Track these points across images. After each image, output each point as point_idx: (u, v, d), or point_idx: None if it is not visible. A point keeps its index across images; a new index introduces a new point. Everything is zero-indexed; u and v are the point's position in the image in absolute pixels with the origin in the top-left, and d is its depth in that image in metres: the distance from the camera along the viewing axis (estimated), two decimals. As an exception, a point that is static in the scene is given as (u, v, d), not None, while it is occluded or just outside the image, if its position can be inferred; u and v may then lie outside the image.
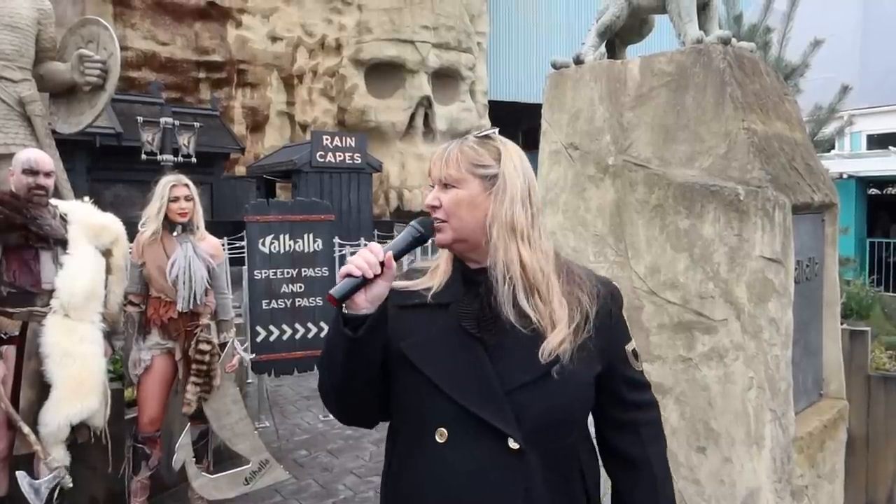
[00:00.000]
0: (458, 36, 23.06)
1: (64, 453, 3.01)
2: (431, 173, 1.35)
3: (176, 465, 3.43)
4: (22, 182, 3.06)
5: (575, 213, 3.10)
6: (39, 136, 4.53)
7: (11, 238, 2.94)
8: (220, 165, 18.38)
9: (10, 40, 4.46)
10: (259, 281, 4.86)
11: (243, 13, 23.41)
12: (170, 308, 3.37)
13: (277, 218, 4.87)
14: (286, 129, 23.76)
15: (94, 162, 14.73)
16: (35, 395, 2.98)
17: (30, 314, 3.00)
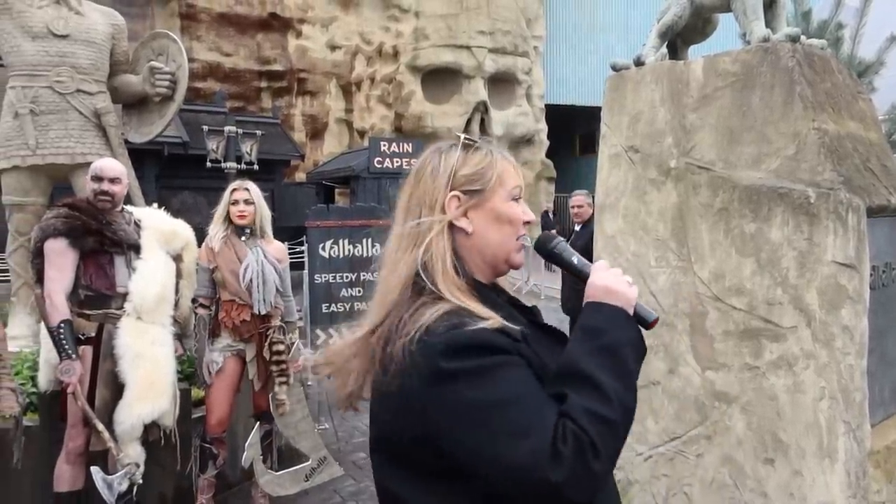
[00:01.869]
0: (515, 40, 23.01)
1: (139, 450, 3.13)
2: (517, 184, 1.22)
3: (245, 462, 3.52)
4: (89, 188, 3.22)
5: (636, 218, 3.05)
6: (113, 145, 4.73)
7: (88, 243, 3.09)
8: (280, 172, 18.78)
9: (87, 55, 4.67)
10: (319, 285, 4.95)
11: (303, 23, 23.93)
12: (242, 311, 3.47)
13: (337, 223, 4.95)
14: (344, 136, 24.14)
15: (162, 170, 15.26)
16: (110, 394, 3.11)
17: (105, 316, 3.15)
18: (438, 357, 0.99)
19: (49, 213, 3.11)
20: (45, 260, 3.03)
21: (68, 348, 2.96)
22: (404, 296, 1.10)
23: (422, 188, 1.18)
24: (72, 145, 4.55)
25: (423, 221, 1.15)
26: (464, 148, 1.20)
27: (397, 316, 1.07)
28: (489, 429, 0.97)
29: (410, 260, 1.13)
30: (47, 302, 2.99)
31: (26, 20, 4.50)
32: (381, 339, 1.07)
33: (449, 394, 0.99)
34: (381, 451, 1.11)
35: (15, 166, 4.48)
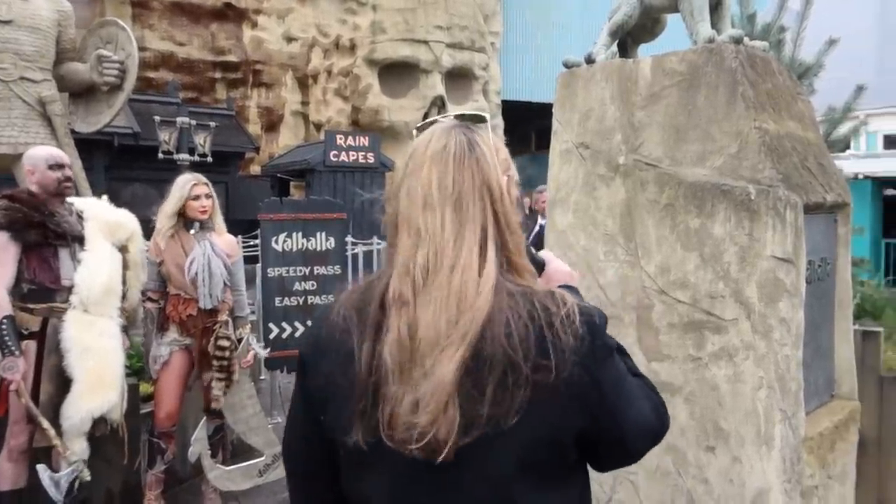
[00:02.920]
0: (472, 36, 23.08)
1: (84, 446, 3.07)
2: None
3: (192, 458, 3.49)
4: (50, 177, 3.14)
5: (585, 213, 3.11)
6: (59, 135, 4.62)
7: (31, 236, 3.01)
8: (235, 165, 18.50)
9: (32, 42, 4.54)
10: (272, 279, 4.90)
11: (259, 14, 23.55)
12: (188, 305, 3.43)
13: (290, 216, 4.91)
14: (300, 129, 23.87)
15: (112, 161, 14.88)
16: (55, 389, 3.04)
17: (50, 310, 3.07)
18: (600, 335, 1.03)
19: None
20: None
21: (11, 344, 2.87)
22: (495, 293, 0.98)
23: (472, 173, 1.02)
24: (15, 134, 4.43)
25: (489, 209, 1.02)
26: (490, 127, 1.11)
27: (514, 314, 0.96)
28: (634, 395, 1.08)
29: (488, 254, 1.00)
30: None
31: (-34, 4, 4.35)
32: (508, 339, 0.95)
33: (613, 367, 1.05)
34: (530, 469, 0.98)
35: (-46, 155, 4.34)
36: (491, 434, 0.94)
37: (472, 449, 0.95)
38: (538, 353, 0.94)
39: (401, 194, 1.05)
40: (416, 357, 0.95)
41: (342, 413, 1.00)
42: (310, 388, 1.09)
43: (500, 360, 0.94)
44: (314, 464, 1.11)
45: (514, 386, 0.94)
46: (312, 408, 1.08)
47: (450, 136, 1.05)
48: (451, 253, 0.98)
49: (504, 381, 0.94)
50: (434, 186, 1.01)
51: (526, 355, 0.94)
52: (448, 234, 0.99)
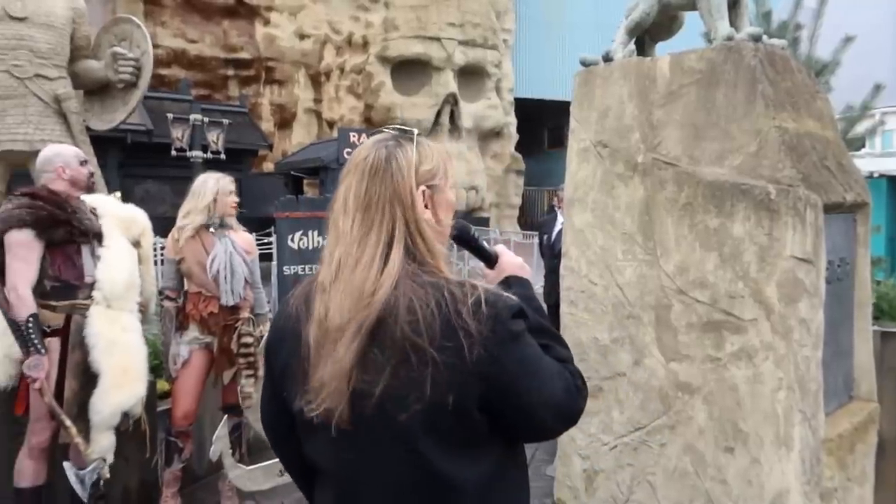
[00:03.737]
0: (485, 33, 23.04)
1: (112, 440, 3.09)
2: (454, 172, 1.33)
3: (213, 456, 3.49)
4: (82, 173, 3.18)
5: (603, 212, 3.10)
6: (74, 132, 4.63)
7: (57, 234, 3.02)
8: (248, 162, 18.56)
9: (47, 39, 4.55)
10: (288, 276, 4.92)
11: (271, 11, 23.61)
12: (210, 303, 3.43)
13: (306, 214, 4.92)
14: (313, 126, 23.93)
15: (125, 158, 14.96)
16: (79, 385, 3.06)
17: (73, 307, 3.08)
18: (507, 321, 1.14)
19: (8, 203, 3.02)
20: (8, 252, 2.92)
21: (37, 343, 2.89)
22: (397, 286, 1.14)
23: (385, 185, 1.19)
24: (30, 132, 4.45)
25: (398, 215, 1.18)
26: (416, 143, 1.25)
27: (420, 302, 1.12)
28: (543, 377, 1.19)
29: (393, 252, 1.17)
30: (12, 295, 2.90)
31: (-19, 2, 4.37)
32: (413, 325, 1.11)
33: (518, 351, 1.16)
34: (429, 427, 1.13)
35: (-29, 153, 4.36)
36: (396, 404, 1.11)
37: (380, 417, 1.13)
38: (444, 336, 1.10)
39: (334, 198, 1.25)
40: (328, 336, 1.15)
41: (294, 389, 1.21)
42: (273, 370, 1.30)
43: (401, 343, 1.11)
44: (283, 432, 1.34)
45: (420, 364, 1.10)
46: (276, 386, 1.28)
47: (372, 150, 1.23)
48: (356, 252, 1.16)
49: (408, 360, 1.11)
50: (352, 193, 1.20)
51: (432, 338, 1.10)
52: (356, 235, 1.17)
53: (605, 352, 2.99)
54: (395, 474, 1.17)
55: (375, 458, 1.17)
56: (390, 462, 1.16)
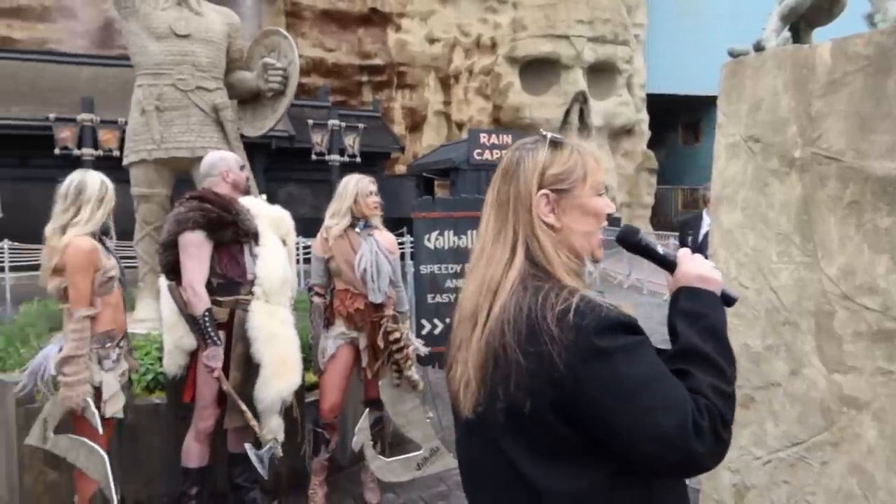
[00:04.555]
0: (615, 29, 22.46)
1: (279, 422, 3.34)
2: (600, 179, 1.28)
3: (355, 447, 3.63)
4: (242, 177, 3.47)
5: (755, 211, 2.91)
6: (230, 139, 4.96)
7: (225, 235, 3.28)
8: (381, 164, 19.20)
9: (206, 53, 4.91)
10: (424, 275, 5.02)
11: (402, 17, 24.29)
12: (356, 300, 3.57)
13: (442, 214, 5.00)
14: (443, 129, 24.35)
15: (269, 163, 15.91)
16: (241, 375, 3.30)
17: (236, 302, 3.33)
18: (592, 335, 1.08)
19: (181, 206, 3.29)
20: (182, 251, 3.20)
21: (213, 335, 3.14)
22: (515, 285, 1.17)
23: (511, 186, 1.23)
24: (192, 139, 4.80)
25: (519, 218, 1.22)
26: (551, 146, 1.25)
27: (517, 303, 1.14)
28: (640, 403, 1.07)
29: (517, 253, 1.20)
30: (189, 292, 3.17)
31: (151, 22, 4.77)
32: (507, 324, 1.14)
33: (605, 369, 1.08)
34: (516, 427, 1.14)
35: (142, 160, 4.78)
36: (491, 399, 1.15)
37: (484, 409, 1.17)
38: (528, 340, 1.10)
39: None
40: (460, 324, 1.24)
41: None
42: None
43: (499, 344, 1.14)
44: None
45: (506, 364, 1.12)
46: None
47: (510, 152, 1.28)
48: (489, 249, 1.22)
49: (498, 358, 1.13)
50: (490, 194, 1.28)
51: (518, 341, 1.11)
52: (490, 233, 1.24)
53: (757, 359, 2.81)
54: (491, 470, 1.20)
55: (479, 450, 1.23)
56: (488, 455, 1.20)
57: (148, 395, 3.85)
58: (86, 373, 2.92)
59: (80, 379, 2.89)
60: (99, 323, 2.99)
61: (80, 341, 2.91)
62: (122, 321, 3.12)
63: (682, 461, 1.08)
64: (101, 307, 2.99)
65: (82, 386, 2.90)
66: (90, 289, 2.94)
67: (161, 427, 3.61)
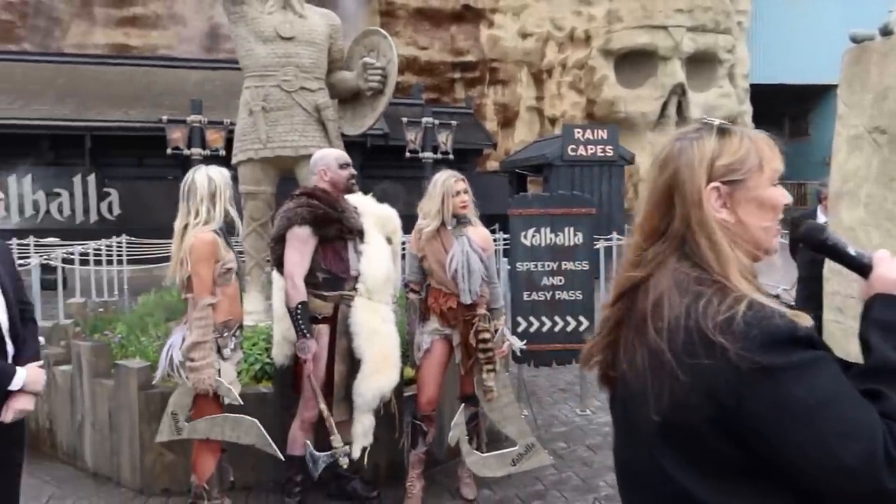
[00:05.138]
0: (716, 17, 21.52)
1: (372, 421, 3.40)
2: (776, 167, 1.14)
3: (451, 441, 3.66)
4: (341, 175, 3.52)
5: (880, 206, 2.72)
6: (331, 137, 5.09)
7: (331, 231, 3.38)
8: (473, 161, 19.23)
9: (309, 55, 5.05)
10: (520, 273, 4.98)
11: (495, 13, 24.22)
12: (449, 298, 3.59)
13: (539, 211, 4.94)
14: (535, 124, 24.13)
15: (365, 161, 16.25)
16: (346, 369, 3.40)
17: (340, 297, 3.43)
18: (758, 350, 0.95)
19: (290, 202, 3.41)
20: (287, 245, 3.33)
21: (304, 328, 3.25)
22: (673, 288, 1.07)
23: (675, 180, 1.12)
24: (296, 139, 4.96)
25: (682, 214, 1.11)
26: (718, 134, 1.12)
27: (675, 309, 1.04)
28: (816, 428, 0.94)
29: (677, 252, 1.11)
30: (289, 283, 3.30)
31: (258, 25, 4.96)
32: (664, 332, 1.04)
33: (771, 389, 0.96)
34: (674, 441, 1.05)
35: (249, 158, 4.97)
36: (642, 403, 1.06)
37: (632, 407, 1.11)
38: (686, 350, 1.00)
39: None
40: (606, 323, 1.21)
41: None
42: None
43: (649, 347, 1.06)
44: None
45: (663, 372, 1.03)
46: None
47: (670, 143, 1.17)
48: (642, 246, 1.15)
49: (653, 365, 1.05)
50: (645, 187, 1.19)
51: (673, 350, 1.02)
52: (645, 230, 1.16)
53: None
54: (649, 478, 1.11)
55: (635, 462, 1.16)
56: (645, 462, 1.11)
57: (255, 384, 4.01)
58: (212, 356, 3.10)
59: (208, 362, 3.08)
60: (218, 312, 3.15)
61: (205, 328, 3.09)
62: (239, 312, 3.28)
63: (870, 498, 0.94)
64: (220, 297, 3.14)
65: (210, 368, 3.08)
66: (211, 279, 3.10)
67: (268, 415, 3.75)
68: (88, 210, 15.97)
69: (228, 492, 3.51)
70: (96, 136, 15.56)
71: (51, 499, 3.81)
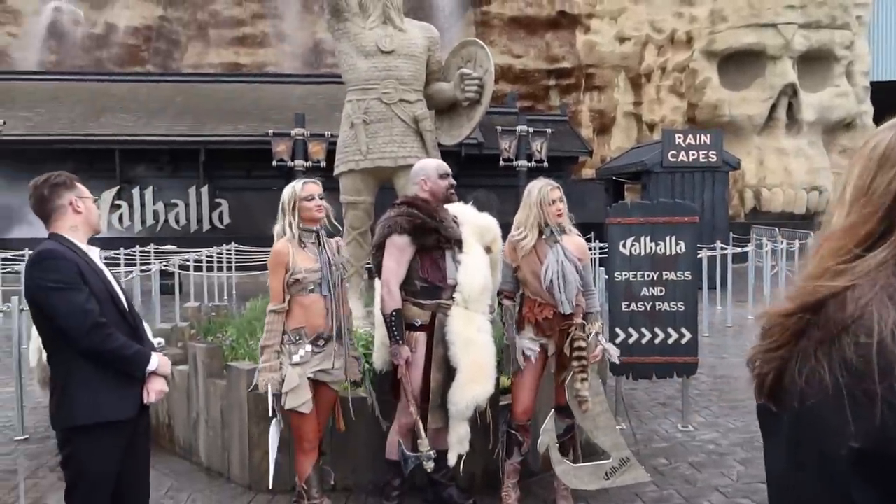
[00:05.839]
0: (832, 11, 20.34)
1: (467, 430, 3.42)
2: None
3: (540, 448, 3.61)
4: (441, 185, 3.58)
5: None
6: (429, 148, 5.17)
7: (429, 240, 3.43)
8: (568, 169, 19.02)
9: (408, 67, 5.16)
10: (619, 283, 4.87)
11: (592, 18, 23.92)
12: (544, 309, 3.56)
13: (639, 220, 4.82)
14: (632, 130, 23.61)
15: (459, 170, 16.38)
16: (442, 377, 3.43)
17: (437, 306, 3.47)
18: None
19: (391, 211, 3.50)
20: (386, 253, 3.41)
21: (397, 334, 3.32)
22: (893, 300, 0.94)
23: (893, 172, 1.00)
24: (395, 150, 5.07)
25: None
26: None
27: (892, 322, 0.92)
28: None
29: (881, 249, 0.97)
30: (384, 290, 3.38)
31: (360, 41, 5.11)
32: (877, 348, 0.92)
33: None
34: (871, 472, 0.94)
35: (350, 170, 5.12)
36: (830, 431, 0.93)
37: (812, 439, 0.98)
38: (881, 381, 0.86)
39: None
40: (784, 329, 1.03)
41: None
42: None
43: (848, 365, 0.91)
44: None
45: (865, 397, 0.88)
46: None
47: (885, 133, 1.02)
48: (846, 250, 0.98)
49: (852, 387, 0.90)
50: (851, 184, 1.02)
51: (883, 371, 0.87)
52: (853, 234, 0.98)
53: None
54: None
55: (808, 488, 1.02)
56: (823, 499, 1.00)
57: (355, 389, 4.12)
58: (274, 362, 3.24)
59: (269, 366, 3.24)
60: (290, 320, 3.29)
61: (270, 332, 3.27)
62: (318, 323, 3.31)
63: None
64: (290, 305, 3.28)
65: (270, 373, 3.23)
66: (279, 287, 3.26)
67: (368, 420, 3.84)
68: (202, 219, 16.99)
69: (329, 493, 3.62)
70: (209, 149, 16.53)
71: (170, 490, 4.05)
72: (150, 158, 17.01)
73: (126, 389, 2.59)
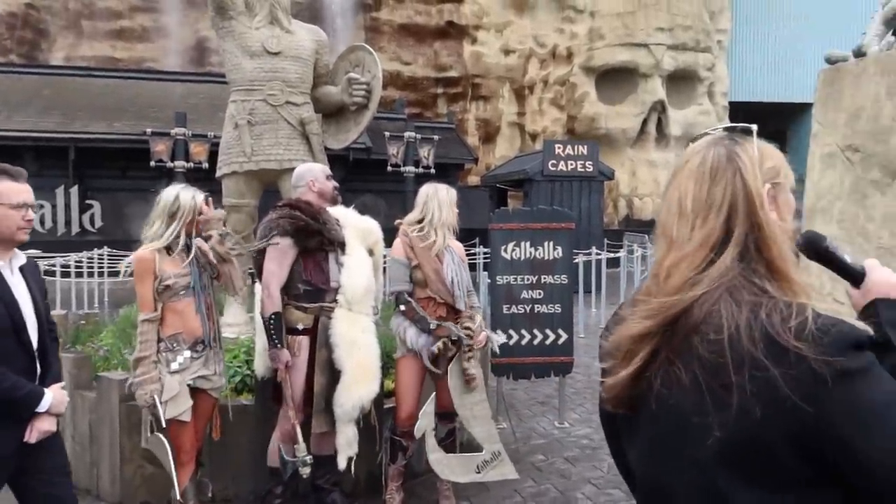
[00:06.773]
0: (697, 35, 21.94)
1: (354, 432, 3.41)
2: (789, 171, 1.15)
3: (417, 432, 3.62)
4: (328, 186, 3.58)
5: (853, 223, 2.81)
6: (315, 151, 5.12)
7: (311, 243, 3.41)
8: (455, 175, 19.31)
9: (295, 69, 5.09)
10: (500, 286, 5.03)
11: (479, 29, 24.46)
12: (439, 307, 3.65)
13: (519, 225, 5.00)
14: (516, 140, 24.33)
15: (347, 174, 16.28)
16: (326, 380, 3.41)
17: (321, 309, 3.44)
18: (836, 354, 0.94)
19: (273, 213, 3.44)
20: (267, 255, 3.35)
21: (276, 338, 3.27)
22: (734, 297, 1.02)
23: (729, 186, 1.08)
24: (280, 152, 4.98)
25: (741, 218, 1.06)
26: (749, 136, 1.12)
27: (733, 321, 0.99)
28: (889, 428, 0.94)
29: (726, 255, 1.05)
30: (264, 293, 3.32)
31: (246, 40, 4.98)
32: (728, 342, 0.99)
33: (851, 392, 0.94)
34: (734, 458, 1.00)
35: (234, 172, 4.98)
36: (695, 427, 1.01)
37: (678, 436, 1.04)
38: (753, 363, 0.96)
39: (663, 205, 1.15)
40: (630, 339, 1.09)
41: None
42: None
43: (703, 363, 1.00)
44: (609, 432, 1.31)
45: (723, 390, 0.98)
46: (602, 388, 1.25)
47: (708, 149, 1.12)
48: (691, 258, 1.06)
49: (709, 383, 0.99)
50: (689, 198, 1.10)
51: (737, 363, 0.97)
52: (695, 242, 1.07)
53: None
54: (696, 499, 1.05)
55: (676, 481, 1.07)
56: (690, 490, 1.05)
57: (236, 396, 4.01)
58: (154, 373, 3.06)
59: (147, 378, 3.04)
60: (165, 327, 3.12)
61: (144, 343, 3.08)
62: (194, 327, 3.16)
63: None
64: (163, 312, 3.11)
65: (150, 385, 3.04)
66: (149, 295, 3.09)
67: (248, 427, 3.74)
68: (70, 222, 15.85)
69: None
70: (80, 147, 15.47)
71: (27, 512, 3.76)
72: (12, 155, 15.68)
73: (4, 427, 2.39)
